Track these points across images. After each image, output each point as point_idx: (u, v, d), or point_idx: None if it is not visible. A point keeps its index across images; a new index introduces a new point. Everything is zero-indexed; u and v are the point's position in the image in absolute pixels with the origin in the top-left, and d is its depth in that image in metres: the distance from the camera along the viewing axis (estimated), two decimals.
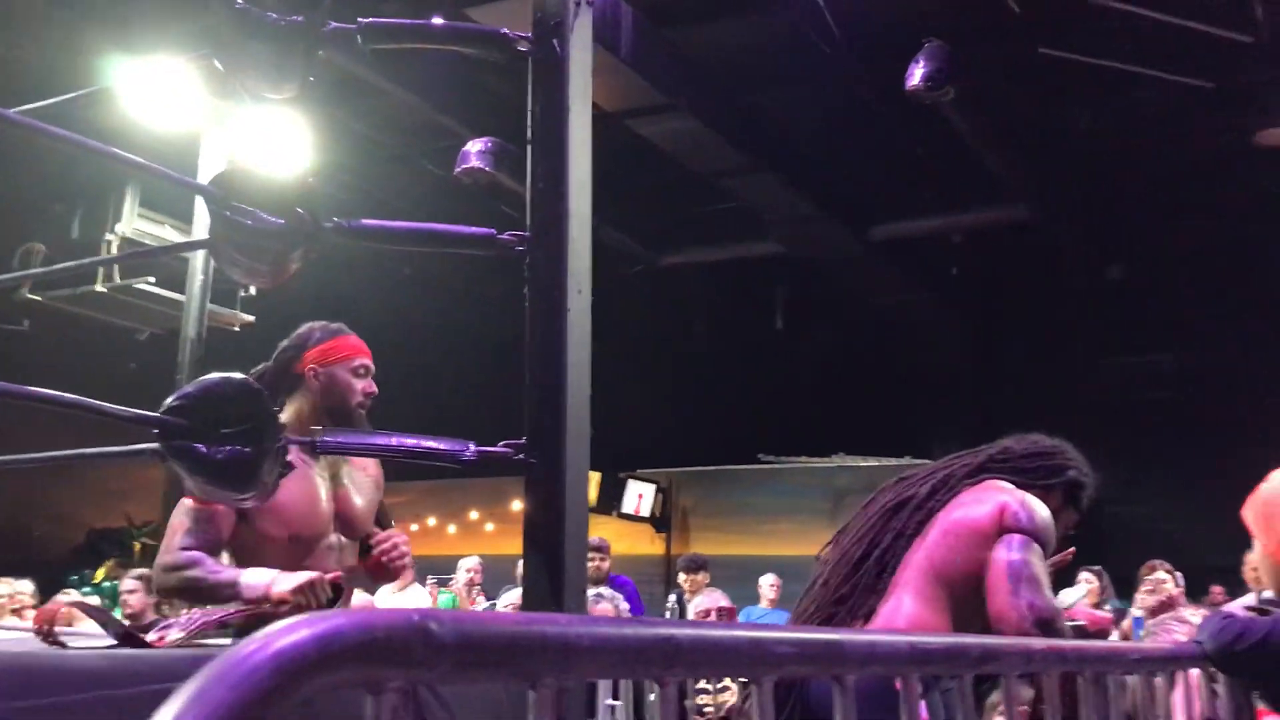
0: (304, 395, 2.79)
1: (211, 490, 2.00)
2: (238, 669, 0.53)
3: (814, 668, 0.97)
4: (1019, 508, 2.45)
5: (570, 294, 2.20)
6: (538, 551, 2.12)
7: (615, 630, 0.73)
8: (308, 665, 0.55)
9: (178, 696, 0.52)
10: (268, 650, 0.55)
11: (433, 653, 0.61)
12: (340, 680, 0.58)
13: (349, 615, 0.58)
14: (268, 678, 0.53)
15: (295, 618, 0.58)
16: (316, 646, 0.56)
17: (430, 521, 14.37)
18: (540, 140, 2.24)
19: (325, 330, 2.93)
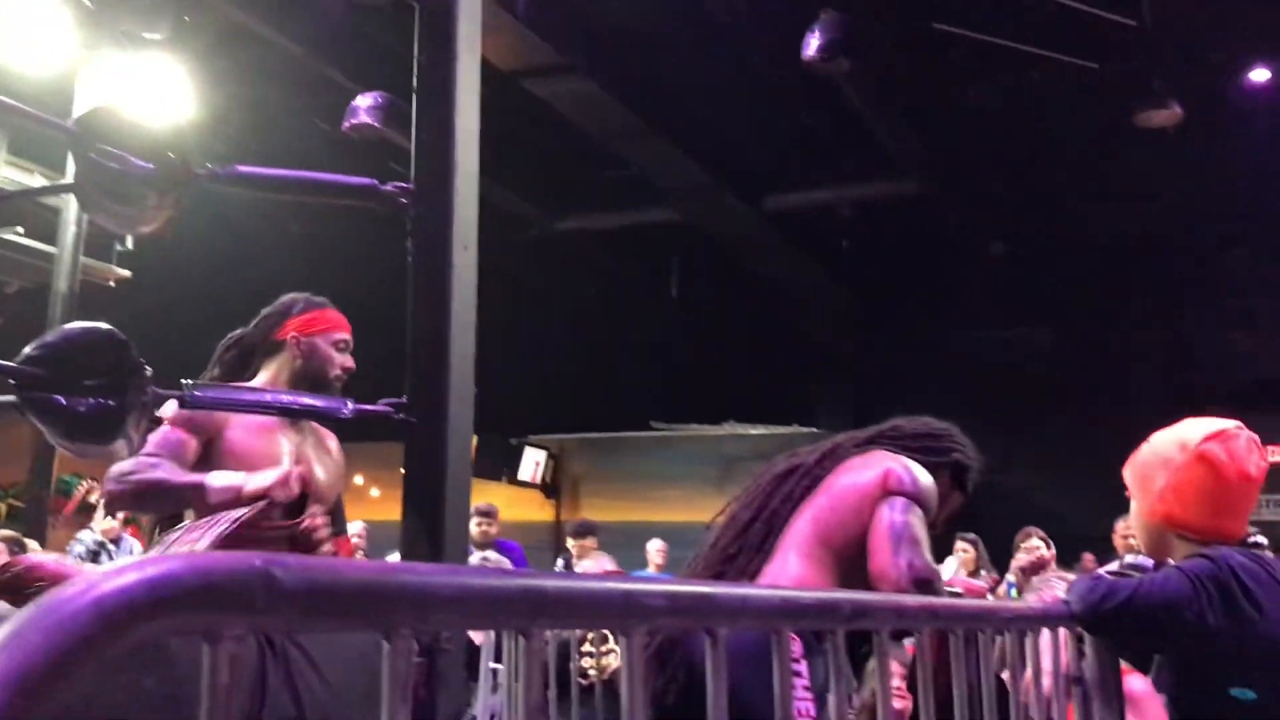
0: (282, 361, 2.76)
1: (73, 444, 1.91)
2: (57, 613, 0.50)
3: (685, 620, 0.96)
4: (903, 471, 2.50)
5: (455, 249, 2.14)
6: (417, 512, 2.07)
7: (479, 580, 0.71)
8: (136, 611, 0.51)
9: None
10: (91, 594, 0.51)
11: (277, 599, 0.57)
12: (173, 627, 0.54)
13: (184, 559, 0.55)
14: (90, 623, 0.49)
15: (124, 561, 0.54)
16: (146, 591, 0.52)
17: None
18: (426, 90, 2.18)
19: (309, 301, 2.93)
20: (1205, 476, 2.12)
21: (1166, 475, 2.16)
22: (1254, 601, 1.98)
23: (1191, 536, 2.15)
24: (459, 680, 1.75)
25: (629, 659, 0.85)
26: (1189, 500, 2.14)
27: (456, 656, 1.79)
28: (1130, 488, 2.27)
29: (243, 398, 2.27)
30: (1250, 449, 2.16)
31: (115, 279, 7.44)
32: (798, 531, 2.52)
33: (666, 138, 9.71)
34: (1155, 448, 2.23)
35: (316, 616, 0.60)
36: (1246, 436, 2.18)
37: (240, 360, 2.77)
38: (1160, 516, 2.18)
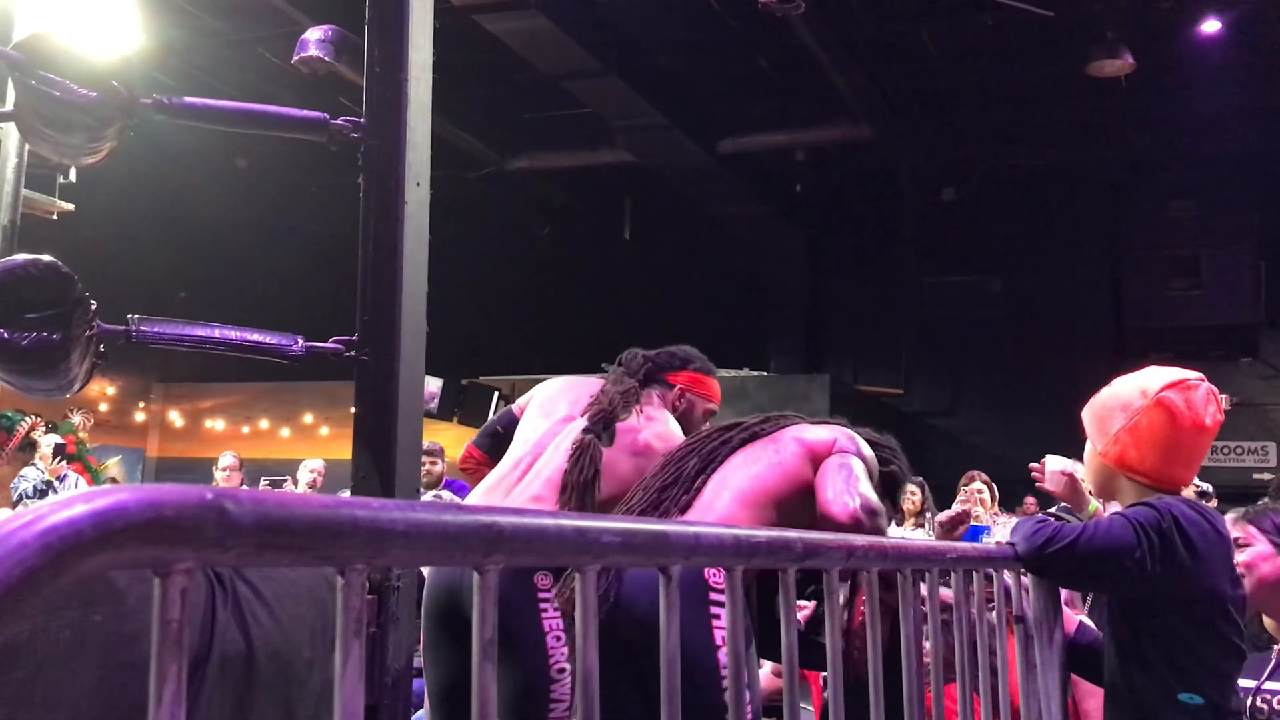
0: (659, 398, 3.04)
1: (15, 380, 1.87)
2: (3, 545, 0.49)
3: (639, 558, 0.97)
4: (852, 438, 2.67)
5: (408, 185, 2.11)
6: (368, 450, 2.06)
7: (434, 515, 0.70)
8: (83, 544, 0.51)
9: None
10: (36, 526, 0.50)
11: (227, 533, 0.56)
12: (121, 560, 0.53)
13: (133, 490, 0.54)
14: (34, 554, 0.49)
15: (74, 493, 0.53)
16: (93, 523, 0.51)
17: (263, 424, 14.01)
18: (378, 21, 2.13)
19: (706, 365, 3.23)
20: (1162, 423, 2.16)
21: (1124, 419, 2.20)
22: (1194, 551, 2.03)
23: (1141, 480, 2.19)
24: (411, 618, 1.76)
25: (583, 595, 0.86)
26: (1144, 445, 2.17)
27: (409, 594, 1.79)
28: (1087, 428, 2.31)
29: (189, 332, 2.24)
30: (1209, 400, 2.20)
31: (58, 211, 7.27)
32: (731, 469, 2.62)
33: (620, 77, 9.61)
34: (1116, 391, 2.27)
35: (269, 551, 0.59)
36: (1206, 388, 2.22)
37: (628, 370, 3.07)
38: (1113, 459, 2.21)
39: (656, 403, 3.03)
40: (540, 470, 2.88)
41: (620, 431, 2.87)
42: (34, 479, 7.73)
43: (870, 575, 1.42)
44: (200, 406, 14.25)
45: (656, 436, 2.89)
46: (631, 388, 2.98)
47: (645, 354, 3.15)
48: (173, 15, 8.26)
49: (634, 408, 2.94)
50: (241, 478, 8.03)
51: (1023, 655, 2.21)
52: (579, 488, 2.78)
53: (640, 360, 3.11)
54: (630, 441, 2.87)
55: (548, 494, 2.81)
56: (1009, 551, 2.09)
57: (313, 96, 8.82)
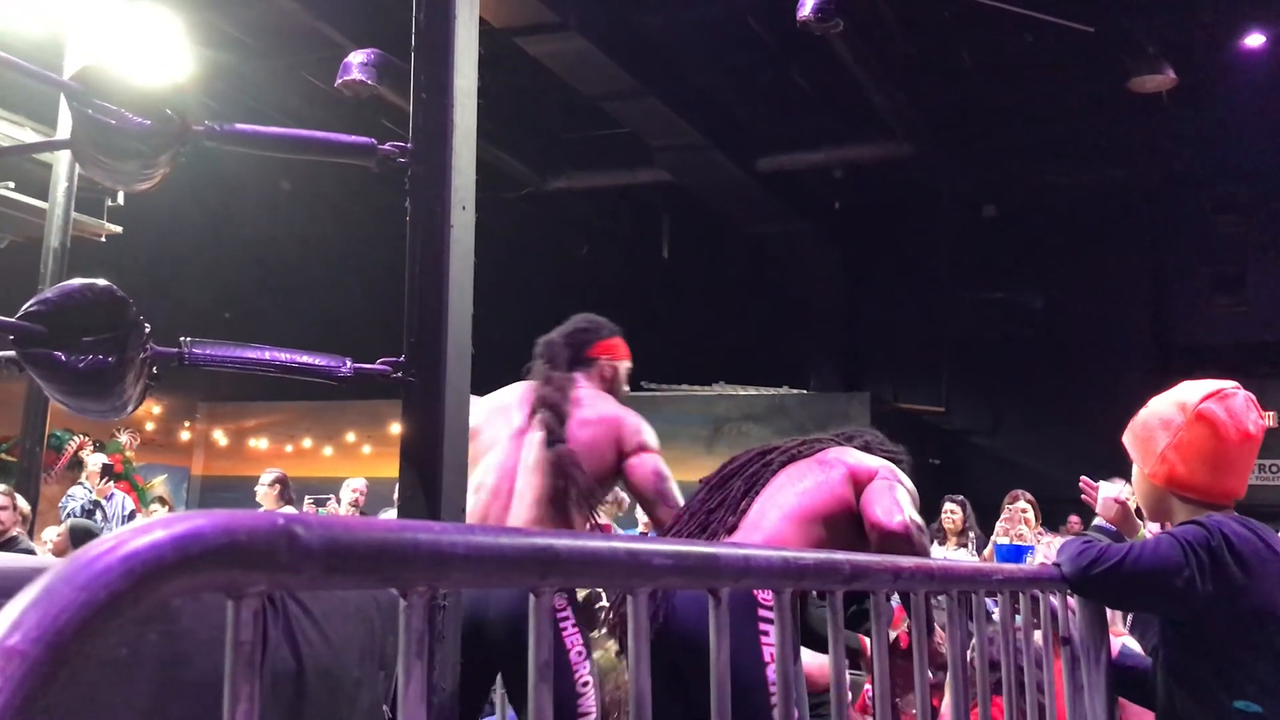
0: (586, 379, 3.09)
1: (72, 401, 1.91)
2: (87, 570, 0.50)
3: (690, 580, 0.98)
4: (894, 470, 2.74)
5: (454, 209, 2.14)
6: (415, 470, 2.09)
7: (491, 539, 0.72)
8: (163, 568, 0.52)
9: (21, 597, 0.49)
10: (119, 551, 0.52)
11: (298, 558, 0.58)
12: (198, 584, 0.55)
13: (210, 516, 0.56)
14: (118, 579, 0.50)
15: (154, 518, 0.55)
16: (174, 548, 0.53)
17: (306, 443, 14.13)
18: (425, 48, 2.17)
19: (611, 328, 3.31)
20: (1205, 436, 2.14)
21: (1167, 437, 2.17)
22: (1245, 568, 2.00)
23: (1193, 498, 2.16)
24: (455, 637, 1.78)
25: (634, 616, 0.87)
26: (1191, 461, 2.15)
27: (455, 614, 1.80)
28: (1130, 452, 2.29)
29: (240, 355, 2.27)
30: (1248, 407, 2.17)
31: (106, 234, 7.40)
32: (776, 489, 2.67)
33: (659, 97, 9.66)
34: (1154, 410, 2.25)
35: (337, 574, 0.61)
36: (1244, 395, 2.19)
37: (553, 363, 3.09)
38: (1162, 479, 2.19)
39: (586, 384, 3.05)
40: (523, 493, 2.88)
41: (570, 427, 2.92)
42: (81, 498, 7.85)
43: (917, 598, 1.42)
44: (244, 425, 14.40)
45: (601, 419, 2.94)
46: (564, 380, 3.00)
47: (562, 340, 3.17)
48: (218, 40, 8.40)
49: (571, 398, 2.96)
50: (289, 496, 8.10)
51: (1069, 677, 2.19)
52: (587, 497, 2.84)
53: (561, 348, 3.14)
54: (578, 433, 2.91)
55: (542, 514, 2.83)
56: (1054, 572, 2.08)
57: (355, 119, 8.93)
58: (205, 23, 7.65)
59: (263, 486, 7.93)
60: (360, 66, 8.22)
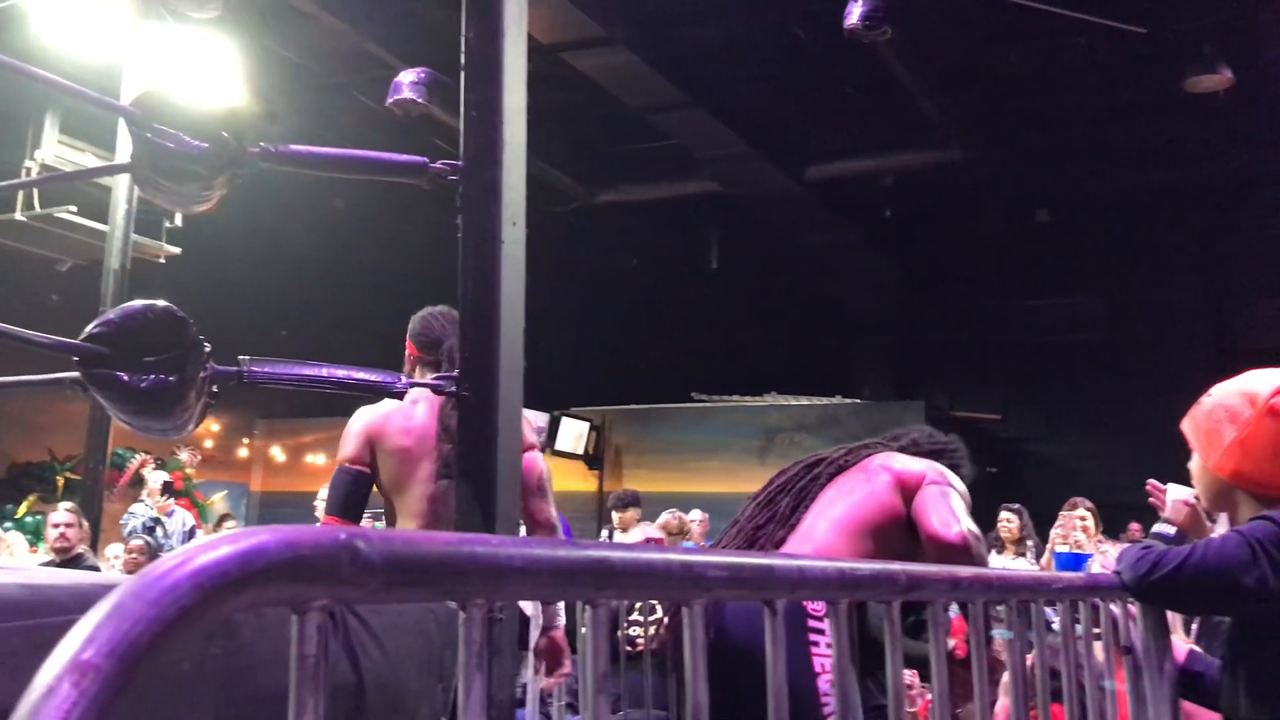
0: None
1: (134, 420, 1.95)
2: (156, 585, 0.52)
3: (744, 591, 0.98)
4: (942, 473, 2.70)
5: (504, 225, 2.16)
6: (470, 484, 2.11)
7: (548, 551, 0.73)
8: (229, 583, 0.54)
9: (94, 612, 0.50)
10: (187, 567, 0.53)
11: (360, 571, 0.59)
12: (263, 598, 0.56)
13: (273, 532, 0.57)
14: (187, 594, 0.52)
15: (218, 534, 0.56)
16: (239, 564, 0.54)
17: None
18: (474, 66, 2.19)
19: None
20: (1276, 431, 2.09)
21: (1234, 430, 2.13)
22: None
23: (1260, 493, 2.12)
24: (513, 650, 1.79)
25: (690, 628, 0.87)
26: (1261, 455, 2.10)
27: (511, 626, 1.82)
28: (1191, 440, 2.24)
29: (298, 372, 2.31)
30: None
31: (165, 255, 7.54)
32: (827, 503, 2.67)
33: (706, 108, 9.67)
34: (1220, 400, 2.20)
35: (398, 588, 0.62)
36: None
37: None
38: (1228, 472, 2.14)
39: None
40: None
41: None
42: (143, 515, 7.98)
43: (976, 608, 1.41)
44: (302, 441, 14.58)
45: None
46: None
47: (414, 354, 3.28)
48: (271, 63, 8.53)
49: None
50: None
51: (1132, 686, 2.16)
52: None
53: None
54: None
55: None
56: (1115, 580, 2.05)
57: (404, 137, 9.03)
58: (258, 46, 7.78)
59: (321, 502, 8.02)
60: (411, 86, 8.32)
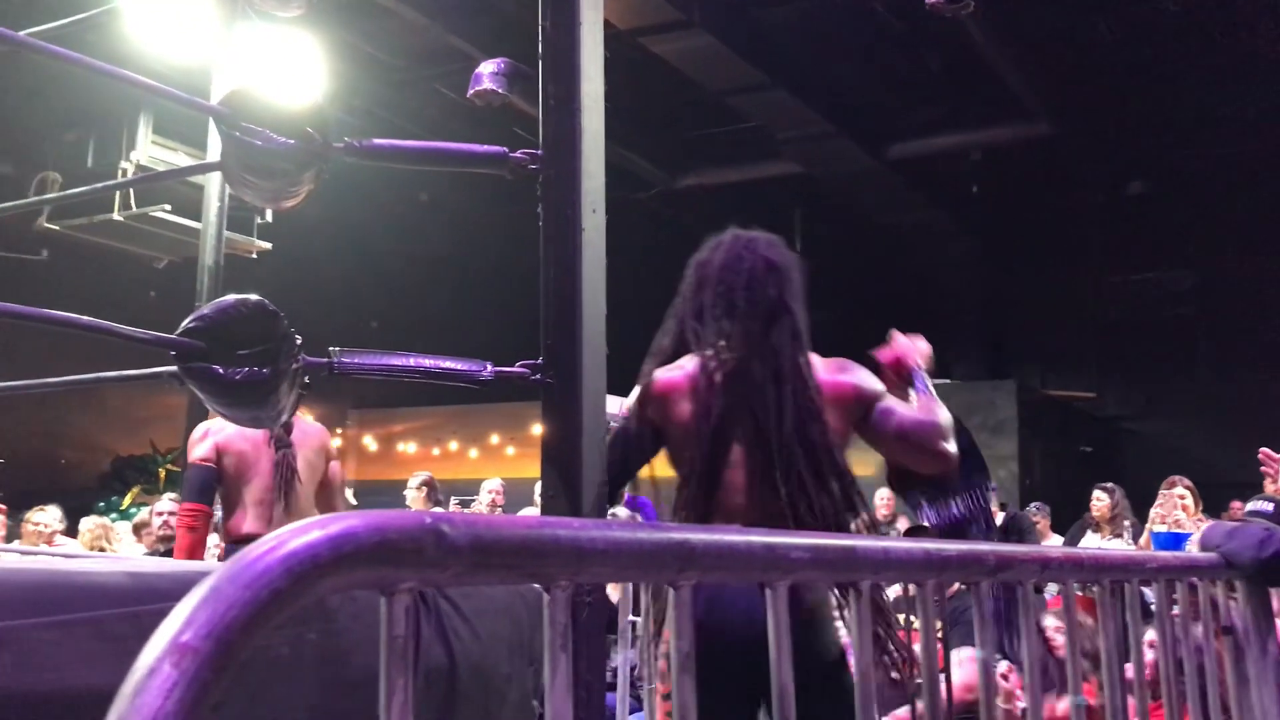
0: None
1: (230, 412, 2.00)
2: (250, 569, 0.54)
3: (828, 573, 0.98)
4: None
5: (584, 213, 2.18)
6: (555, 470, 2.13)
7: (629, 534, 0.73)
8: (320, 566, 0.55)
9: (191, 597, 0.52)
10: (280, 551, 0.55)
11: (446, 554, 0.61)
12: (352, 581, 0.58)
13: (362, 517, 0.59)
14: (279, 578, 0.54)
15: (308, 519, 0.58)
16: (329, 547, 0.56)
17: (452, 445, 14.48)
18: (551, 56, 2.21)
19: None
20: None
21: None
22: None
23: None
24: (600, 633, 1.81)
25: (774, 609, 0.87)
26: None
27: (598, 610, 1.83)
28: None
29: (386, 363, 2.35)
30: None
31: (256, 251, 7.71)
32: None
33: (786, 89, 9.59)
34: None
35: (482, 570, 0.63)
36: None
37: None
38: None
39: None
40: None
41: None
42: None
43: (1067, 588, 1.38)
44: (392, 430, 14.83)
45: (316, 428, 4.57)
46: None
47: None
48: (350, 56, 8.65)
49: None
50: (437, 497, 8.32)
51: (1234, 668, 2.11)
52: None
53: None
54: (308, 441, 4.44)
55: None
56: (1215, 559, 2.00)
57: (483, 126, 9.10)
58: (340, 41, 7.90)
59: (411, 489, 8.16)
60: (491, 76, 8.37)
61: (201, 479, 4.19)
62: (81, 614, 1.42)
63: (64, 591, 1.41)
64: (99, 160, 7.76)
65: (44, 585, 1.41)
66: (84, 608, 1.42)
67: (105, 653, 1.43)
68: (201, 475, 4.19)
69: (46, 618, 1.36)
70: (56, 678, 1.36)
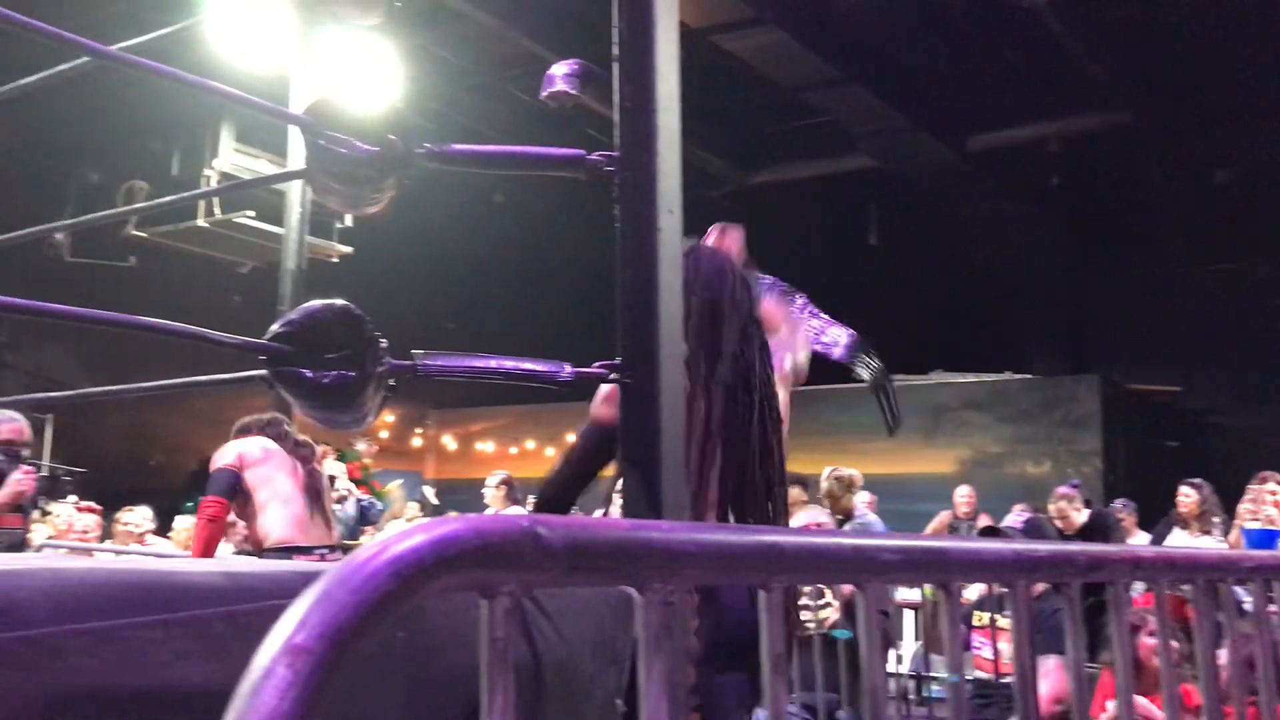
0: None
1: (319, 414, 2.04)
2: (358, 573, 0.55)
3: (918, 575, 0.97)
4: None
5: (661, 213, 2.18)
6: (635, 470, 2.14)
7: (720, 536, 0.74)
8: (425, 569, 0.57)
9: (302, 600, 0.54)
10: (385, 555, 0.56)
11: (543, 557, 0.62)
12: (455, 584, 0.59)
13: (462, 521, 0.60)
14: (386, 581, 0.55)
15: (412, 524, 0.60)
16: (433, 551, 0.57)
17: (529, 444, 14.60)
18: (627, 57, 2.22)
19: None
20: None
21: None
22: None
23: None
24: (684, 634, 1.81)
25: (865, 610, 0.87)
26: None
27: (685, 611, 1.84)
28: None
29: (467, 364, 2.38)
30: None
31: (338, 254, 7.84)
32: None
33: (860, 83, 9.51)
34: None
35: (578, 573, 0.65)
36: None
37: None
38: None
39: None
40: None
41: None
42: None
43: (1159, 588, 1.36)
44: (471, 430, 15.00)
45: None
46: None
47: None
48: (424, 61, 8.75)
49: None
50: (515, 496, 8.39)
51: None
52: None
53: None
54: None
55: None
56: None
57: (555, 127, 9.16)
58: (414, 46, 8.00)
59: (490, 488, 8.24)
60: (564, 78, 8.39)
61: (225, 479, 4.64)
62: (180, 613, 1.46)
63: (163, 591, 1.45)
64: (184, 168, 7.95)
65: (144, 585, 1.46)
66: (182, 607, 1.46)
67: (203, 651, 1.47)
68: (225, 476, 4.65)
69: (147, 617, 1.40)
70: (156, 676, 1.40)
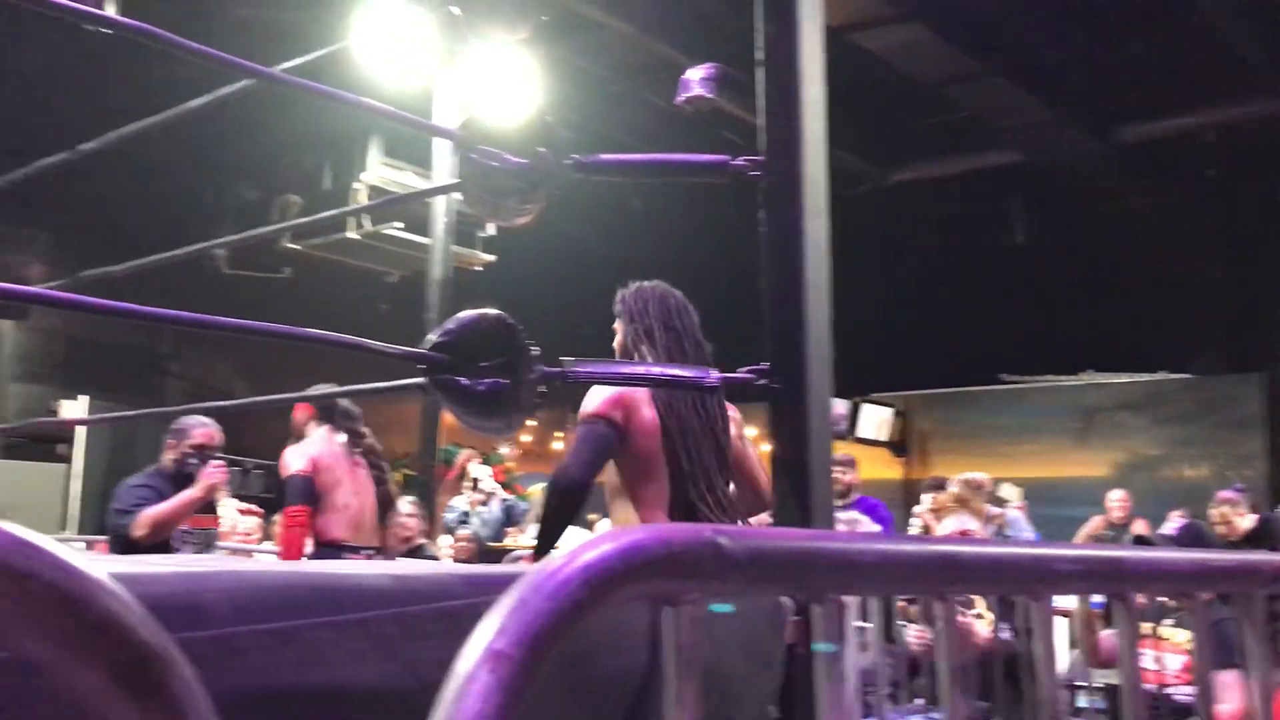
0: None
1: (476, 421, 2.10)
2: (551, 580, 0.57)
3: (1096, 585, 0.95)
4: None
5: (807, 218, 2.18)
6: (785, 476, 2.13)
7: (897, 547, 0.74)
8: (614, 578, 0.58)
9: (500, 607, 0.56)
10: (576, 563, 0.58)
11: (724, 567, 0.63)
12: (641, 591, 0.61)
13: (646, 531, 0.61)
14: (579, 589, 0.57)
15: (600, 534, 0.61)
16: (621, 560, 0.59)
17: None
18: (771, 61, 2.22)
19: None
20: None
21: None
22: None
23: None
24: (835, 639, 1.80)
25: (1040, 622, 0.86)
26: None
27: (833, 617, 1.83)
28: None
29: (616, 371, 2.41)
30: None
31: (481, 263, 8.01)
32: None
33: (1004, 76, 9.29)
34: None
35: (757, 582, 0.65)
36: None
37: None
38: None
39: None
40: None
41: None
42: (458, 507, 8.59)
43: None
44: None
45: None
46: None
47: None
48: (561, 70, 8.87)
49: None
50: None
51: None
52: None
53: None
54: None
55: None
56: None
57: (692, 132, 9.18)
58: (553, 56, 8.11)
59: None
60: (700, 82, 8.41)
61: (303, 487, 4.86)
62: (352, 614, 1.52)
63: (337, 593, 1.51)
64: (335, 182, 8.22)
65: (320, 587, 1.52)
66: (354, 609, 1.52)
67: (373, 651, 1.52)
68: (302, 484, 4.87)
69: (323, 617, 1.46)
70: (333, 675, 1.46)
